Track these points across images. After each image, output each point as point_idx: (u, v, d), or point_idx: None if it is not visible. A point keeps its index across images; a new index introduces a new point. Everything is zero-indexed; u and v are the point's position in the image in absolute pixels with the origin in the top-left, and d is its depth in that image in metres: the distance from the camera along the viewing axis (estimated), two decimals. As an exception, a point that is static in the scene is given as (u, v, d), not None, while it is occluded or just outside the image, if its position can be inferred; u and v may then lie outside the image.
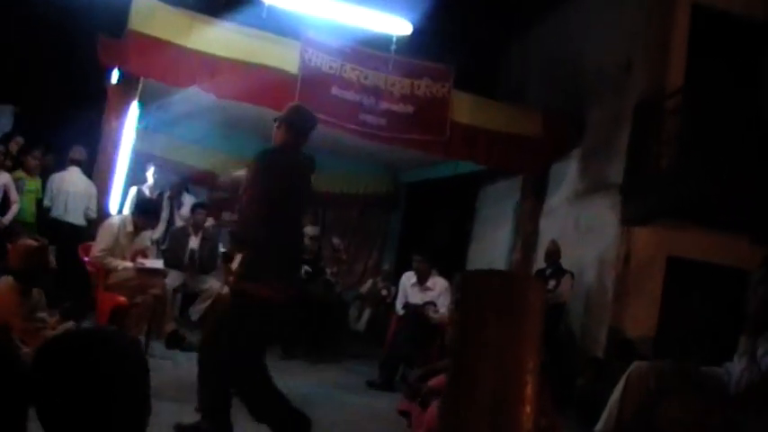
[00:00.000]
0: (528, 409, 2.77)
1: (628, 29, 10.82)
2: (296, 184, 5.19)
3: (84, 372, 1.70)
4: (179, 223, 10.56)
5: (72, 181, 9.75)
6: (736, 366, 4.65)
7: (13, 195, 9.17)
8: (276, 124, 5.34)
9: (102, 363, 1.72)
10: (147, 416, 1.80)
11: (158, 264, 8.19)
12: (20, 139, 10.18)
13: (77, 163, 9.87)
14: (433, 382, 6.72)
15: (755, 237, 8.71)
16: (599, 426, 4.74)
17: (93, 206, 9.78)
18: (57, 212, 9.65)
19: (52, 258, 5.73)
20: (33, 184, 9.41)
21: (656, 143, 9.72)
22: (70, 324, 5.62)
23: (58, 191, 9.68)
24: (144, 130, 11.47)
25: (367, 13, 10.41)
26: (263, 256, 4.93)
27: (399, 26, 10.58)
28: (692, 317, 9.66)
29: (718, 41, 10.26)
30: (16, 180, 9.13)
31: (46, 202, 9.72)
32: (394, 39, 10.71)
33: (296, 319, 9.32)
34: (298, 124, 5.31)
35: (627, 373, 4.71)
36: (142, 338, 7.68)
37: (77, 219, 9.70)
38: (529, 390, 2.78)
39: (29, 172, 9.35)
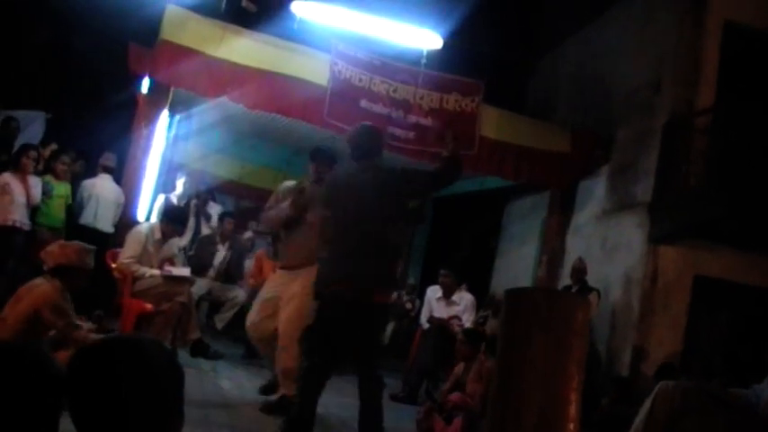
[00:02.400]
0: (572, 426, 2.76)
1: (657, 47, 10.79)
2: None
3: (120, 379, 1.71)
4: (205, 231, 10.60)
5: (103, 187, 9.79)
6: (765, 389, 4.60)
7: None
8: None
9: (137, 371, 1.73)
10: (181, 423, 1.81)
11: (185, 271, 8.19)
12: (54, 145, 10.25)
13: (109, 170, 9.91)
14: (457, 397, 6.71)
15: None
16: (624, 445, 4.70)
17: (119, 213, 9.82)
18: (86, 219, 9.67)
19: (92, 262, 5.75)
20: (63, 189, 9.43)
21: (684, 162, 9.66)
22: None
23: (88, 197, 9.71)
24: (173, 139, 11.56)
25: (397, 26, 10.45)
26: None
27: (430, 40, 10.61)
28: (719, 336, 9.59)
29: (750, 59, 10.19)
30: (44, 184, 9.17)
31: (76, 209, 9.76)
32: (424, 53, 10.74)
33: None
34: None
35: (653, 394, 4.67)
36: (167, 345, 7.69)
37: (106, 226, 9.72)
38: (573, 408, 2.78)
39: (57, 177, 9.38)
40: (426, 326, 9.60)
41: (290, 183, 6.89)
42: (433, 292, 9.77)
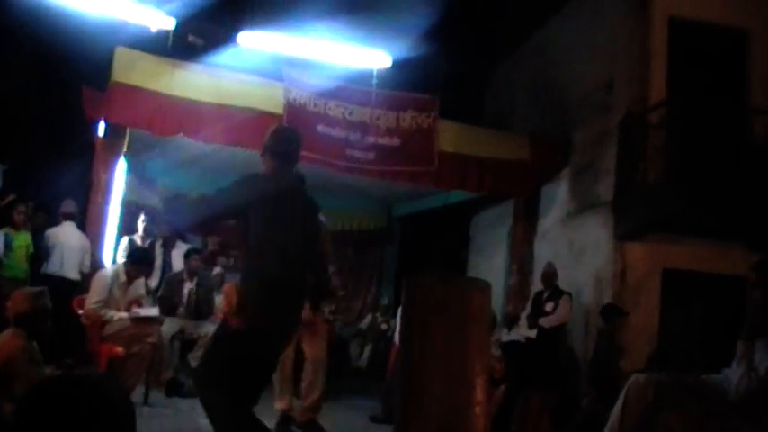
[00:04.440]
0: (478, 410, 2.75)
1: (608, 48, 10.92)
2: (285, 212, 4.73)
3: (68, 419, 1.69)
4: (175, 269, 10.53)
5: (67, 235, 9.71)
6: (735, 372, 4.63)
7: None
8: (260, 153, 4.99)
9: (85, 408, 1.71)
10: None
11: (153, 311, 8.15)
12: (12, 196, 10.15)
13: (70, 216, 9.83)
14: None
15: (751, 243, 8.70)
16: (601, 442, 4.71)
17: (87, 261, 9.74)
18: (53, 268, 9.58)
19: (49, 303, 5.69)
20: (23, 239, 9.35)
21: (643, 158, 9.75)
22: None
23: (53, 246, 9.62)
24: (135, 180, 11.50)
25: (345, 48, 10.51)
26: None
27: (379, 60, 10.67)
28: (692, 327, 9.63)
29: (698, 52, 10.34)
30: (4, 236, 9.09)
31: (42, 257, 9.67)
32: (374, 73, 10.78)
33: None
34: (275, 149, 4.90)
35: (626, 387, 4.69)
36: (141, 388, 7.63)
37: (73, 273, 9.64)
38: (478, 392, 2.77)
39: (16, 227, 9.30)
40: (401, 344, 9.55)
41: None
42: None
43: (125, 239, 10.39)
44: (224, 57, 10.30)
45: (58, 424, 1.68)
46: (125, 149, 10.25)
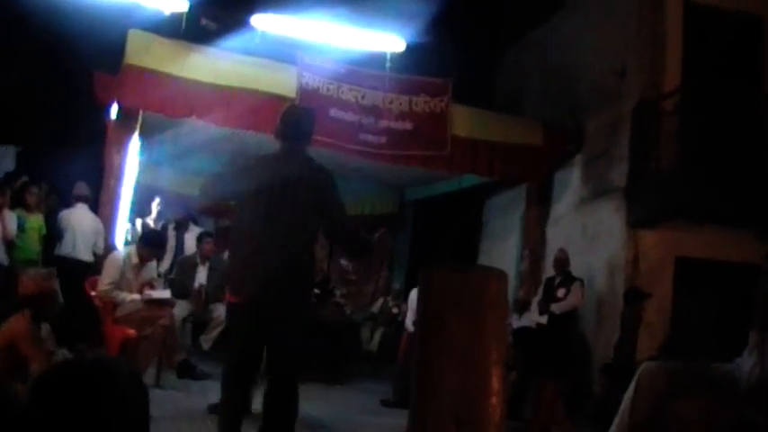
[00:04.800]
0: (494, 401, 2.75)
1: (621, 33, 10.85)
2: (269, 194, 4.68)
3: (81, 403, 1.69)
4: (188, 252, 10.55)
5: (79, 217, 9.74)
6: (747, 361, 4.60)
7: None
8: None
9: (98, 392, 1.71)
10: None
11: (165, 294, 8.17)
12: (25, 178, 10.20)
13: (83, 199, 9.86)
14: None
15: (762, 232, 8.66)
16: (611, 430, 4.69)
17: (101, 242, 9.77)
18: (65, 249, 9.63)
19: (56, 285, 5.71)
20: (35, 221, 9.39)
21: (656, 144, 9.70)
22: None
23: (66, 228, 9.67)
24: (148, 164, 11.50)
25: (359, 32, 10.47)
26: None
27: (392, 43, 10.63)
28: (705, 315, 9.59)
29: (713, 38, 10.27)
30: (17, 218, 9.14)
31: (55, 240, 9.71)
32: (388, 56, 10.75)
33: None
34: (279, 129, 4.93)
35: (637, 375, 4.66)
36: (153, 369, 7.67)
37: (86, 255, 9.68)
38: (494, 382, 2.76)
39: (29, 209, 9.34)
40: (412, 329, 9.57)
41: None
42: (417, 294, 9.71)
43: (138, 221, 10.44)
44: (237, 40, 10.26)
45: (72, 408, 1.68)
46: (137, 132, 10.25)
